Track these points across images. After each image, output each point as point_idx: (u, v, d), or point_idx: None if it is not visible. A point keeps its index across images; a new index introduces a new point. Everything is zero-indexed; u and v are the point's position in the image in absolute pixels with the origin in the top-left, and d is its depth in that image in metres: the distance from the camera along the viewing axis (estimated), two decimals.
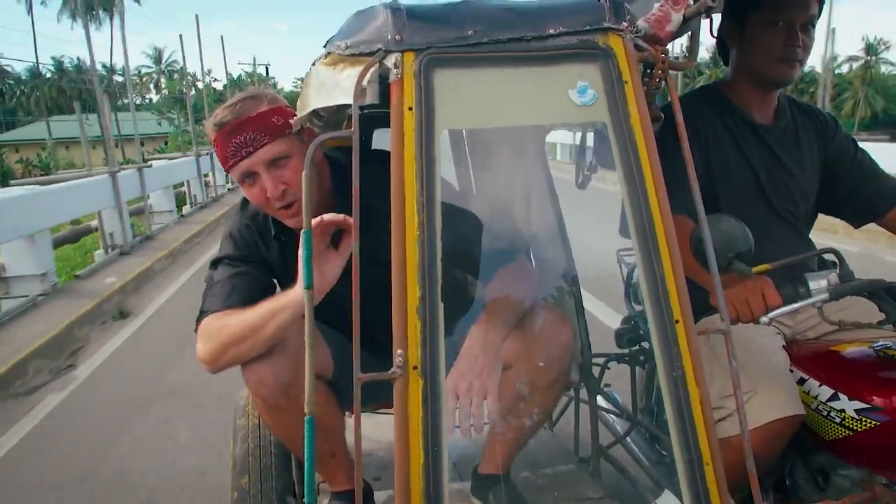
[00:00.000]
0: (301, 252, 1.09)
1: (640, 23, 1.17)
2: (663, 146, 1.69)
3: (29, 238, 6.28)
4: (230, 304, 1.50)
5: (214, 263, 1.62)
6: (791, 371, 1.54)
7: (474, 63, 1.11)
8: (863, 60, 46.26)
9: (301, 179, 1.48)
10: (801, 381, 1.52)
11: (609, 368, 2.08)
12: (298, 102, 1.33)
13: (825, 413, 1.44)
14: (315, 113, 1.36)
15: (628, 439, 2.15)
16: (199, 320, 1.52)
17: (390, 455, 2.12)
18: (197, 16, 16.30)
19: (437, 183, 1.07)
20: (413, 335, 1.03)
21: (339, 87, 1.15)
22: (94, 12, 47.00)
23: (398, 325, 1.03)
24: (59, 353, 5.09)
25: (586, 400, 2.10)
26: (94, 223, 8.50)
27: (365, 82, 1.10)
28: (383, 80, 1.11)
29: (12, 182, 12.09)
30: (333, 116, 1.59)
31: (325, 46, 1.22)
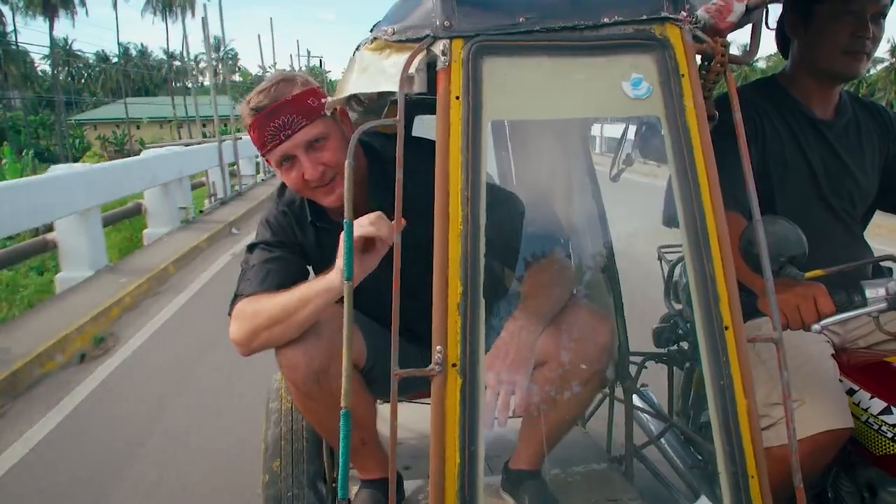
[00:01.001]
0: (343, 243, 1.07)
1: (700, 13, 1.11)
2: (717, 139, 1.64)
3: (178, 181, 9.99)
4: (265, 288, 1.49)
5: (251, 248, 1.61)
6: (840, 381, 1.48)
7: (525, 52, 1.07)
8: (888, 62, 45.64)
9: (338, 160, 1.47)
10: (851, 392, 1.46)
11: (647, 367, 2.03)
12: (338, 85, 1.31)
13: (876, 427, 1.38)
14: (356, 98, 1.34)
15: (663, 441, 2.11)
16: (233, 303, 1.51)
17: (422, 444, 2.12)
18: (271, 18, 16.79)
19: (482, 176, 1.04)
20: (453, 332, 1.00)
21: (384, 74, 1.12)
22: (172, 8, 51.37)
23: (438, 322, 1.01)
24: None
25: (621, 399, 2.06)
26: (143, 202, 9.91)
27: (412, 69, 1.07)
28: (430, 68, 1.07)
29: (151, 144, 15.77)
30: (375, 103, 1.57)
31: (371, 31, 1.19)
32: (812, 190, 1.64)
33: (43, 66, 50.55)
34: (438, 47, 1.06)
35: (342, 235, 1.09)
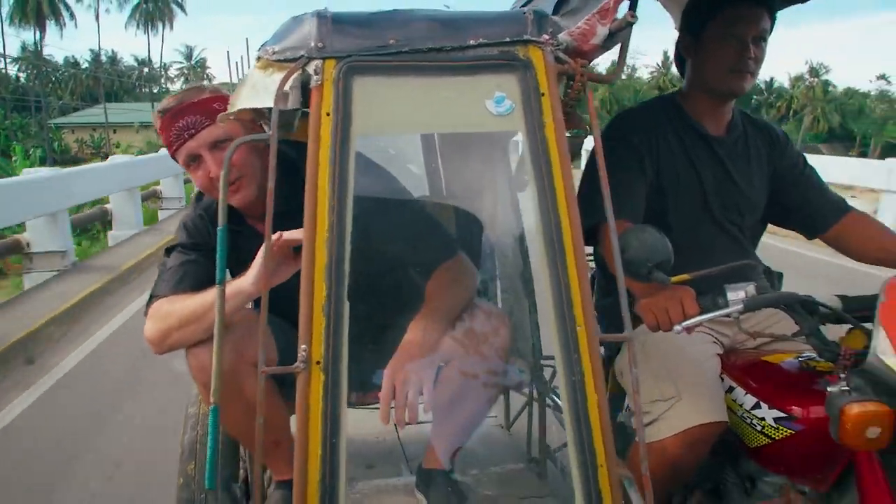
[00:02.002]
0: (218, 249, 1.14)
1: (563, 36, 1.19)
2: (612, 154, 1.73)
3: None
4: (179, 290, 1.56)
5: (168, 251, 1.68)
6: (722, 379, 1.57)
7: (393, 71, 1.14)
8: (808, 81, 54.88)
9: (244, 161, 1.55)
10: (731, 390, 1.54)
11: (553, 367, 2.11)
12: (231, 100, 1.38)
13: (749, 421, 1.46)
14: (259, 112, 1.41)
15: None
16: (149, 303, 1.57)
17: (349, 448, 2.19)
18: (247, 39, 16.72)
19: (349, 187, 1.11)
20: (318, 332, 1.08)
21: (267, 91, 1.19)
22: (153, 22, 55.41)
23: (304, 322, 1.08)
24: None
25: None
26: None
27: (287, 87, 1.14)
28: (306, 86, 1.15)
29: None
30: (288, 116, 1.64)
31: (258, 50, 1.26)
32: (701, 203, 1.73)
33: (10, 71, 52.43)
34: (312, 67, 1.13)
35: (217, 241, 1.16)
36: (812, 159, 1.91)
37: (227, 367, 1.52)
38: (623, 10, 1.20)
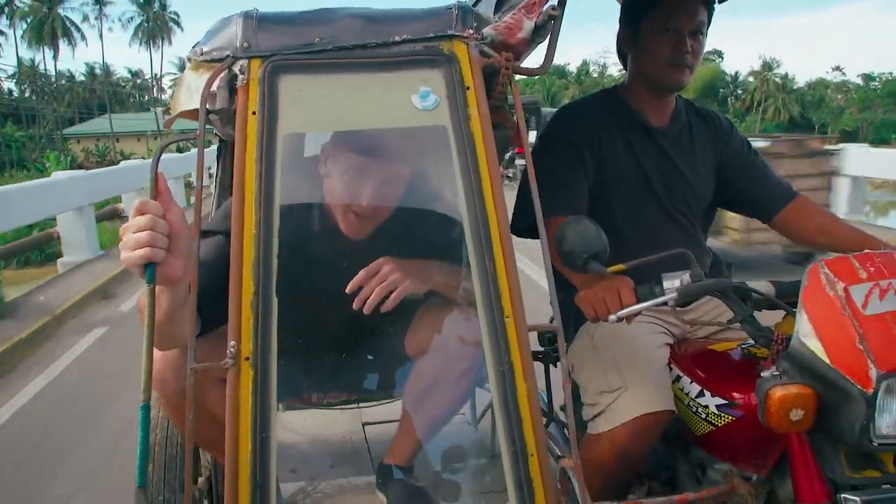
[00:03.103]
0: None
1: (488, 30, 1.21)
2: (553, 149, 1.74)
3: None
4: None
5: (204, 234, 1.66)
6: (670, 369, 1.58)
7: (318, 69, 1.16)
8: (762, 75, 61.07)
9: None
10: (678, 379, 1.55)
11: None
12: (171, 103, 1.39)
13: (694, 409, 1.47)
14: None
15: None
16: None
17: (312, 448, 2.20)
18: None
19: (276, 185, 1.12)
20: (246, 328, 1.09)
21: (198, 91, 1.21)
22: (154, 40, 59.69)
23: (233, 318, 1.09)
24: None
25: None
26: None
27: (214, 87, 1.16)
28: (233, 85, 1.16)
29: None
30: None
31: (189, 51, 1.27)
32: (647, 194, 1.74)
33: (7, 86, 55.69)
34: (238, 67, 1.15)
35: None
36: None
37: (181, 376, 1.53)
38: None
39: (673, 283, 1.33)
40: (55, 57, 52.23)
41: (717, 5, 1.74)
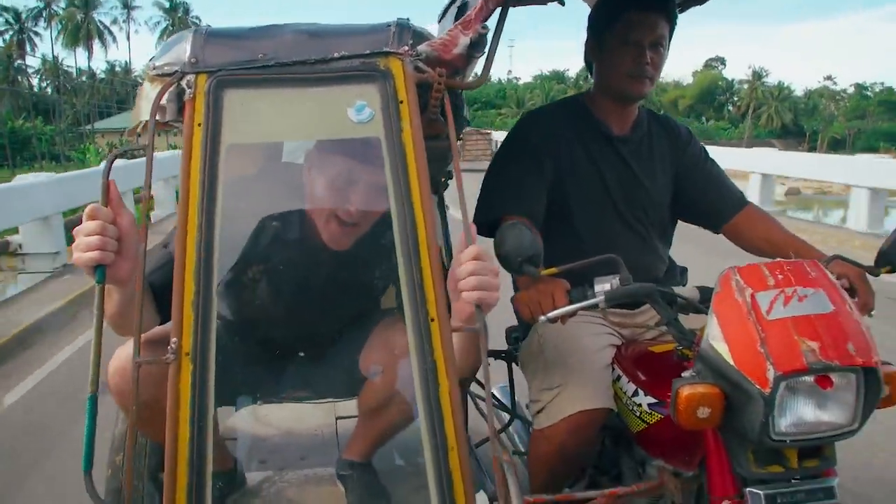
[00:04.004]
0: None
1: (423, 47, 1.28)
2: (513, 153, 1.81)
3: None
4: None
5: None
6: (613, 369, 1.65)
7: (261, 84, 1.24)
8: (751, 84, 64.99)
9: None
10: (618, 379, 1.62)
11: (489, 364, 2.20)
12: (133, 113, 1.48)
13: (631, 408, 1.55)
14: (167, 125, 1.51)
15: (511, 431, 2.28)
16: None
17: (284, 440, 2.29)
18: None
19: (218, 192, 1.20)
20: (187, 325, 1.17)
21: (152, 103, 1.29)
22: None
23: (175, 316, 1.17)
24: None
25: (477, 395, 2.24)
26: None
27: (164, 100, 1.24)
28: (181, 98, 1.24)
29: None
30: None
31: (145, 65, 1.36)
32: (605, 200, 1.81)
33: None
34: (185, 81, 1.23)
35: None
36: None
37: (145, 373, 1.61)
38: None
39: (603, 286, 1.40)
40: (89, 57, 57.95)
41: (678, 18, 1.81)
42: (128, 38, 64.37)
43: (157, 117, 1.24)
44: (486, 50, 1.35)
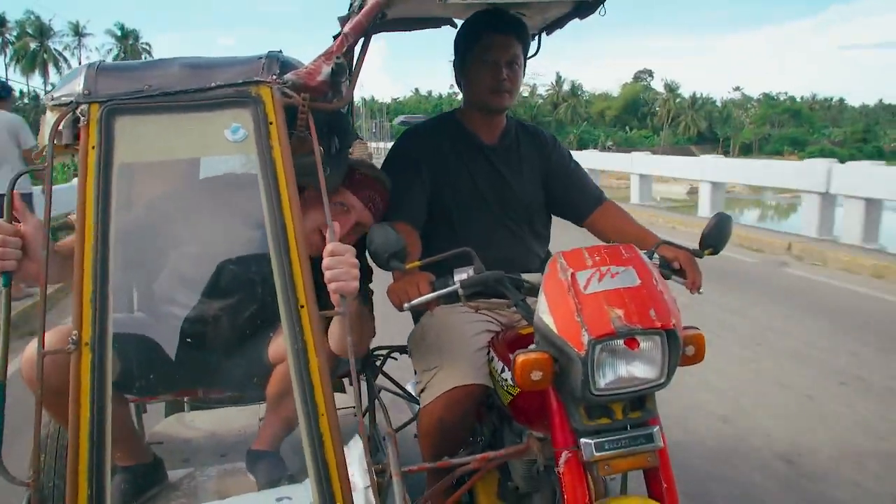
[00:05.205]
0: None
1: (290, 76, 1.50)
2: (395, 164, 2.04)
3: None
4: None
5: None
6: (488, 352, 1.87)
7: (147, 111, 1.44)
8: (664, 96, 74.99)
9: None
10: (492, 359, 1.84)
11: (395, 359, 2.40)
12: (38, 139, 1.66)
13: (501, 383, 1.76)
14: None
15: None
16: None
17: (207, 442, 2.44)
18: None
19: (111, 205, 1.39)
20: (87, 318, 1.35)
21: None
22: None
23: (75, 311, 1.36)
24: None
25: (382, 387, 2.43)
26: None
27: (61, 127, 1.43)
28: (77, 125, 1.44)
29: None
30: None
31: (43, 97, 1.55)
32: (479, 203, 2.04)
33: None
34: (80, 110, 1.42)
35: None
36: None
37: (53, 364, 1.76)
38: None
39: (461, 276, 1.62)
40: (45, 82, 62.22)
41: (540, 38, 2.07)
42: (80, 64, 65.41)
43: (56, 141, 1.43)
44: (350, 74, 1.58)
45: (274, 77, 1.48)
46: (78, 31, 66.62)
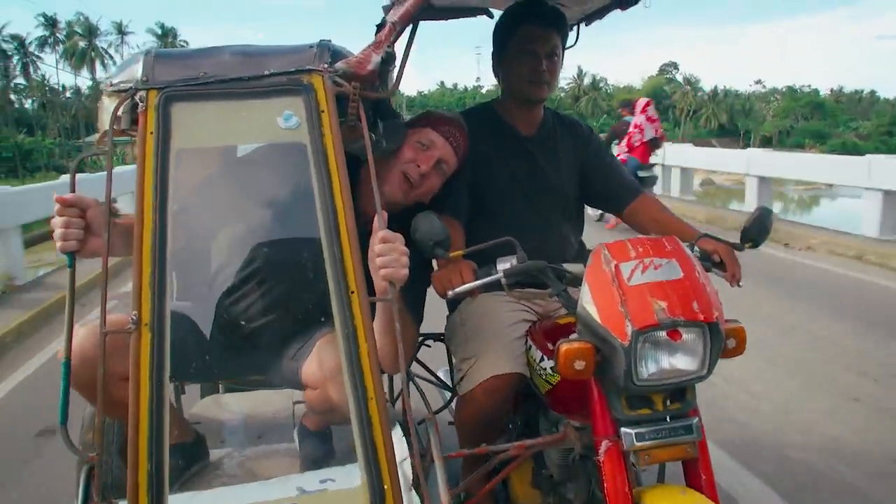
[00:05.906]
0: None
1: (340, 64, 1.52)
2: None
3: None
4: None
5: None
6: (525, 341, 1.89)
7: (203, 98, 1.47)
8: (683, 89, 76.08)
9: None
10: (530, 349, 1.87)
11: (430, 346, 2.44)
12: (98, 125, 1.69)
13: (539, 372, 1.79)
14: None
15: (454, 406, 2.51)
16: None
17: (243, 424, 2.49)
18: None
19: (169, 191, 1.43)
20: (145, 300, 1.39)
21: (111, 115, 1.52)
22: None
23: (135, 293, 1.39)
24: None
25: (419, 376, 2.47)
26: None
27: (120, 112, 1.47)
28: (135, 110, 1.47)
29: None
30: None
31: (101, 83, 1.58)
32: (517, 193, 2.07)
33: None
34: (138, 96, 1.46)
35: None
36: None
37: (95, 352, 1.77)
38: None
39: (504, 265, 1.65)
40: (93, 78, 65.60)
41: (576, 30, 2.08)
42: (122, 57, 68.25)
43: (115, 126, 1.47)
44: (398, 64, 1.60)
45: (325, 66, 1.50)
46: (121, 30, 69.43)
